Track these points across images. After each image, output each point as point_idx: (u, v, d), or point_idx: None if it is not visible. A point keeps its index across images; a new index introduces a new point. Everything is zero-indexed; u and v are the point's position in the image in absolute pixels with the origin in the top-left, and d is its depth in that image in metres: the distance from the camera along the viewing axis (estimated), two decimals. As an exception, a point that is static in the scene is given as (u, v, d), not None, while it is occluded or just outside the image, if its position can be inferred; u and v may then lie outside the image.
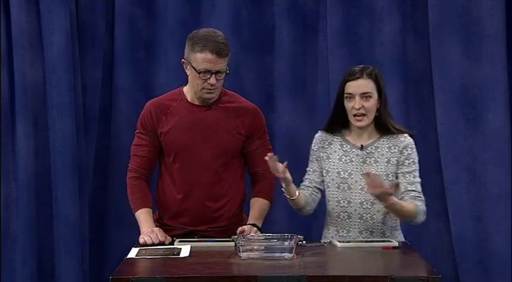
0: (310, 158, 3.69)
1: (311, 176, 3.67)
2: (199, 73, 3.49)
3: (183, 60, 3.57)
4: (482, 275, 4.47)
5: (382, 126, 3.57)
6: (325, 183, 3.63)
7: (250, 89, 4.62)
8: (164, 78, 4.70)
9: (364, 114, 3.52)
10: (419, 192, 3.53)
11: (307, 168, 3.70)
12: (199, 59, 3.48)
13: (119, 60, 4.71)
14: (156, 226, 3.58)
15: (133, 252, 3.23)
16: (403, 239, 3.62)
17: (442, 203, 4.52)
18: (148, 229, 3.50)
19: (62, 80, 4.56)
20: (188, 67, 3.55)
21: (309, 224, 4.61)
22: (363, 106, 3.51)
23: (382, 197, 3.33)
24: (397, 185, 3.47)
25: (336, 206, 3.59)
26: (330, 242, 3.43)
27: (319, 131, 3.69)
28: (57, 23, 4.55)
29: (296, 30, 4.69)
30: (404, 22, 4.59)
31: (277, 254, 3.07)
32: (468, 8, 4.49)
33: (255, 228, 3.53)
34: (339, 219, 3.59)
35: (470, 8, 4.49)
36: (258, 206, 3.67)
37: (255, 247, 3.10)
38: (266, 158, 3.38)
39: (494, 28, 4.46)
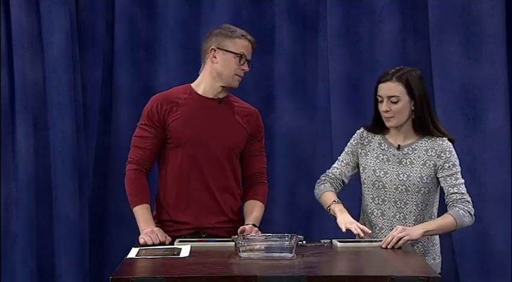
0: (346, 150, 3.68)
1: (343, 168, 3.67)
2: (239, 56, 3.55)
3: (212, 48, 3.58)
4: (482, 275, 4.48)
5: (421, 128, 3.56)
6: (361, 180, 3.65)
7: (250, 89, 4.61)
8: (164, 78, 4.70)
9: (392, 116, 3.53)
10: (462, 194, 3.53)
11: (340, 158, 3.69)
12: (239, 43, 3.59)
13: (119, 60, 4.71)
14: (156, 225, 3.59)
15: (133, 252, 3.22)
16: (437, 241, 3.63)
17: (442, 203, 4.52)
18: (147, 227, 3.49)
19: (62, 80, 4.56)
20: (219, 54, 3.58)
21: (309, 224, 4.62)
22: (390, 109, 3.51)
23: (407, 240, 3.36)
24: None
25: (370, 203, 3.61)
26: (331, 242, 3.42)
27: (362, 127, 3.69)
28: (57, 23, 4.55)
29: (296, 30, 4.69)
30: (404, 22, 4.59)
31: (277, 254, 3.07)
32: (468, 8, 4.49)
33: (256, 228, 3.53)
34: (372, 216, 3.60)
35: (470, 8, 4.49)
36: (255, 208, 3.68)
37: (255, 247, 3.10)
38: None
39: (494, 28, 4.46)
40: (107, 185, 4.72)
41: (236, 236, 3.22)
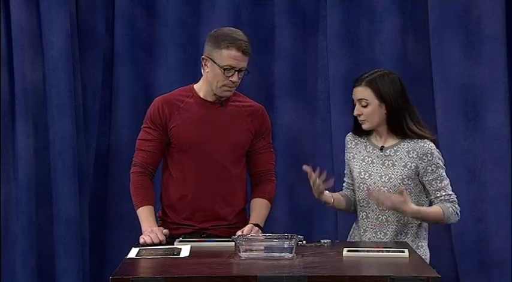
0: (345, 160, 3.75)
1: (346, 179, 3.76)
2: (224, 70, 3.51)
3: (203, 56, 3.57)
4: (482, 275, 4.47)
5: (396, 131, 3.57)
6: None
7: (250, 89, 4.61)
8: (164, 78, 4.70)
9: (364, 120, 3.57)
10: (449, 194, 3.54)
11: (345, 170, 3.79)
12: (225, 55, 3.51)
13: (119, 60, 4.71)
14: (160, 224, 3.59)
15: (133, 252, 3.23)
16: (424, 243, 3.62)
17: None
18: (148, 228, 3.50)
19: (62, 80, 4.56)
20: (209, 64, 3.56)
21: (309, 224, 4.61)
22: (362, 113, 3.56)
23: (399, 207, 3.37)
24: (401, 192, 3.44)
25: (357, 205, 3.64)
26: (330, 242, 3.42)
27: (350, 133, 3.73)
28: (57, 23, 4.55)
29: (296, 30, 4.68)
30: (404, 22, 4.60)
31: (277, 254, 3.07)
32: (468, 8, 4.49)
33: (257, 228, 3.53)
34: (358, 219, 3.64)
35: (470, 8, 4.49)
36: (260, 206, 3.68)
37: (255, 247, 3.10)
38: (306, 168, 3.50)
39: (494, 28, 4.46)
40: (107, 185, 4.72)
41: (236, 236, 3.22)
